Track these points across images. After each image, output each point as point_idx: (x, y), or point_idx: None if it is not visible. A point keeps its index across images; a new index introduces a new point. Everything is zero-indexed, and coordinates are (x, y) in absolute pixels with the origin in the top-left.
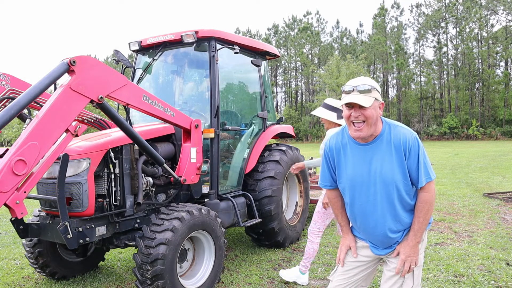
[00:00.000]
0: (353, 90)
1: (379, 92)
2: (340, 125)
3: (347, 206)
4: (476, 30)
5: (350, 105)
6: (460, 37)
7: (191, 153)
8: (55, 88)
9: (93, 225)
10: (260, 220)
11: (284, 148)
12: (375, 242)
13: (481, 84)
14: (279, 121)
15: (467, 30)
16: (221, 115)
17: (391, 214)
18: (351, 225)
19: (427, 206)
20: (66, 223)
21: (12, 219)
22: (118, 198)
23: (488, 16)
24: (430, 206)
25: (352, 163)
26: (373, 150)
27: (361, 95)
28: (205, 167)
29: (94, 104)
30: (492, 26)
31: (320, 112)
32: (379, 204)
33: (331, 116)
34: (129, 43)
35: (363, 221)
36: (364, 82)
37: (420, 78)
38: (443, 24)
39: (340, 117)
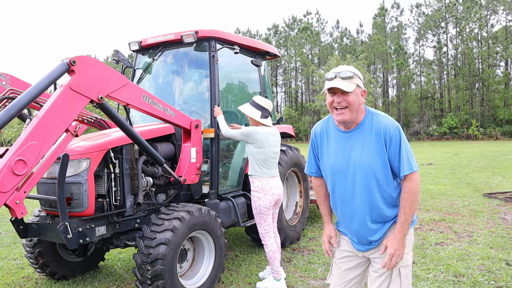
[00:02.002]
0: (335, 76)
1: (361, 79)
2: (264, 124)
3: (330, 194)
4: (476, 30)
5: (333, 91)
6: (460, 37)
7: (191, 153)
8: (55, 88)
9: (93, 225)
10: None
11: (284, 148)
12: (353, 233)
13: (481, 84)
14: (279, 121)
15: (467, 30)
16: None
17: (369, 204)
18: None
19: (412, 196)
20: (66, 223)
21: (12, 219)
22: (118, 198)
23: (488, 16)
24: (415, 196)
25: (334, 150)
26: (354, 138)
27: (343, 81)
28: (205, 167)
29: (94, 104)
30: (492, 26)
31: (245, 109)
32: (358, 193)
33: (255, 114)
34: (129, 43)
35: (342, 210)
36: (346, 69)
37: (420, 78)
38: (443, 24)
39: (264, 116)
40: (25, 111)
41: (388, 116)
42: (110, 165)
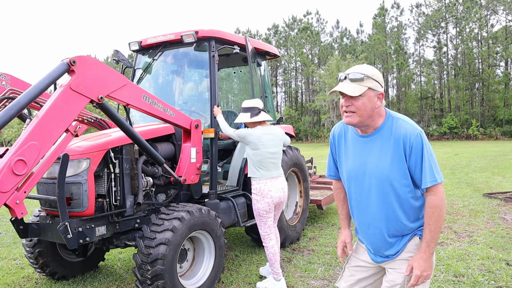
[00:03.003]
0: (345, 78)
1: (377, 81)
2: (258, 122)
3: (348, 200)
4: (476, 30)
5: (343, 94)
6: (460, 37)
7: (191, 153)
8: (55, 88)
9: (93, 225)
10: None
11: (284, 148)
12: (370, 242)
13: (481, 84)
14: (279, 121)
15: (467, 30)
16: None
17: (386, 216)
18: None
19: (437, 211)
20: (66, 223)
21: (12, 219)
22: (118, 198)
23: (488, 16)
24: (441, 211)
25: (352, 155)
26: (371, 143)
27: (352, 83)
28: (205, 167)
29: (94, 104)
30: (492, 26)
31: (238, 118)
32: (374, 202)
33: (245, 117)
34: (129, 43)
35: (358, 218)
36: (358, 70)
37: (420, 78)
38: (443, 24)
39: (254, 114)
40: (25, 111)
41: (410, 121)
42: (110, 165)
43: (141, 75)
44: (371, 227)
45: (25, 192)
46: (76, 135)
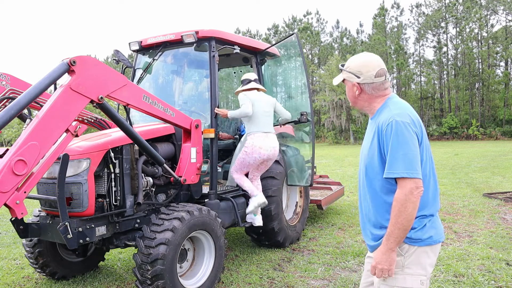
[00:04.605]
0: None
1: (351, 72)
2: (251, 89)
3: None
4: (476, 30)
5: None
6: (460, 37)
7: (191, 153)
8: (55, 88)
9: (93, 225)
10: None
11: (284, 148)
12: (360, 225)
13: (481, 84)
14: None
15: (467, 30)
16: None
17: (365, 199)
18: None
19: (398, 206)
20: (66, 223)
21: (12, 219)
22: (118, 198)
23: (488, 16)
24: (402, 206)
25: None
26: (369, 127)
27: (338, 74)
28: (205, 167)
29: (94, 104)
30: (492, 26)
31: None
32: (361, 183)
33: (240, 88)
34: (129, 43)
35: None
36: (347, 62)
37: (420, 78)
38: (443, 24)
39: (245, 83)
40: (25, 111)
41: (395, 109)
42: (110, 165)
43: (141, 75)
44: (360, 207)
45: (25, 192)
46: (76, 135)
